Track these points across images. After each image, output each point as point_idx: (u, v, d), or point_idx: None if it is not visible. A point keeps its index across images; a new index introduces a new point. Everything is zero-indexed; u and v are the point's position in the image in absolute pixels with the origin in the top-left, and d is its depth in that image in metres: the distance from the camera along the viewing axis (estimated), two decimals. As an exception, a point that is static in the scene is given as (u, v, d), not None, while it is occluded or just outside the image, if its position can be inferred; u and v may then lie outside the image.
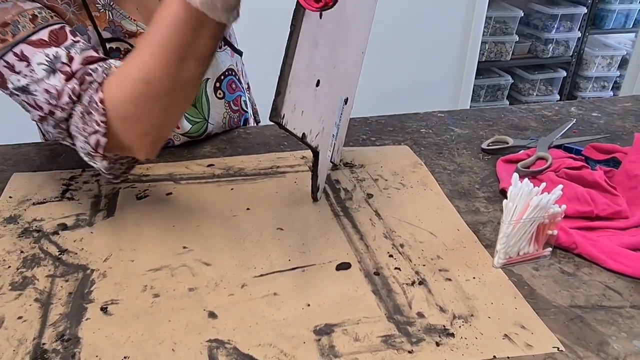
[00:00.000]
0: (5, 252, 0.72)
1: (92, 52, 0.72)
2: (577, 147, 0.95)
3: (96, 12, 0.79)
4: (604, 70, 3.37)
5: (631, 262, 0.69)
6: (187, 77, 0.65)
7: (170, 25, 0.60)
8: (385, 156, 0.95)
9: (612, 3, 3.18)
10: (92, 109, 0.67)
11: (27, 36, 0.69)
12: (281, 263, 0.70)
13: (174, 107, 0.69)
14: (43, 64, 0.69)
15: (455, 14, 2.63)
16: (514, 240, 0.69)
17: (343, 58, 0.72)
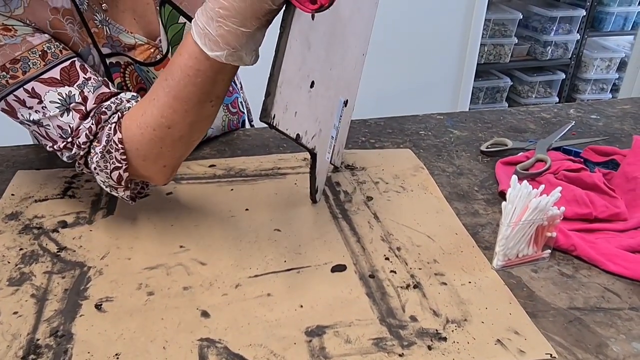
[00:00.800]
0: (5, 248, 0.73)
1: (104, 88, 0.73)
2: (575, 150, 0.95)
3: (95, 29, 0.79)
4: (603, 73, 3.38)
5: (630, 264, 0.69)
6: (205, 116, 0.67)
7: (190, 77, 0.61)
8: (387, 159, 0.95)
9: (610, 5, 3.18)
10: (112, 149, 0.69)
11: (39, 74, 0.70)
12: (276, 264, 0.70)
13: (192, 142, 0.71)
14: (56, 102, 0.70)
15: (454, 16, 2.63)
16: (513, 242, 0.68)
17: (340, 59, 0.72)
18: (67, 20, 0.75)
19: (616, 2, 3.16)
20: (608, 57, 3.33)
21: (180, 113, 0.64)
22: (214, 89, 0.63)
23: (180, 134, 0.67)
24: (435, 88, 2.79)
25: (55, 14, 0.74)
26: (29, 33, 0.71)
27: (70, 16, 0.75)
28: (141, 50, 0.84)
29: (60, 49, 0.73)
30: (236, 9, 0.54)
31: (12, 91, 0.70)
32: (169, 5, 0.83)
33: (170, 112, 0.65)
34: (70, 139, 0.71)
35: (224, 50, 0.57)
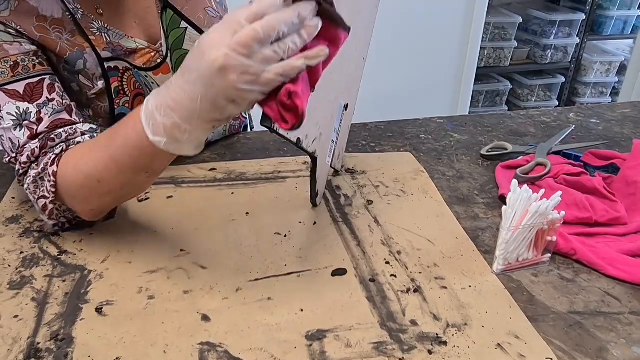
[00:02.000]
0: (6, 252, 0.73)
1: (64, 114, 0.75)
2: (575, 154, 0.95)
3: (92, 36, 0.79)
4: (603, 76, 3.38)
5: (630, 269, 0.69)
6: (138, 183, 0.68)
7: (128, 147, 0.61)
8: (387, 163, 0.95)
9: (610, 9, 3.19)
10: (45, 178, 0.71)
11: (4, 84, 0.71)
12: (277, 268, 0.70)
13: (121, 199, 0.74)
14: (12, 114, 0.72)
15: (454, 20, 2.64)
16: (513, 246, 0.69)
17: (341, 64, 0.72)
18: (53, 29, 0.76)
19: (616, 6, 3.16)
20: (608, 60, 3.34)
21: (113, 173, 0.65)
22: (151, 165, 0.64)
23: (108, 190, 0.68)
24: (435, 91, 2.79)
25: (41, 22, 0.75)
26: (8, 41, 0.72)
27: (58, 25, 0.76)
28: (142, 54, 0.84)
29: (35, 63, 0.74)
30: (185, 107, 0.54)
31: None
32: (170, 10, 0.83)
33: (103, 169, 0.65)
34: (15, 154, 0.72)
35: (165, 138, 0.57)
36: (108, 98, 0.83)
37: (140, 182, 0.68)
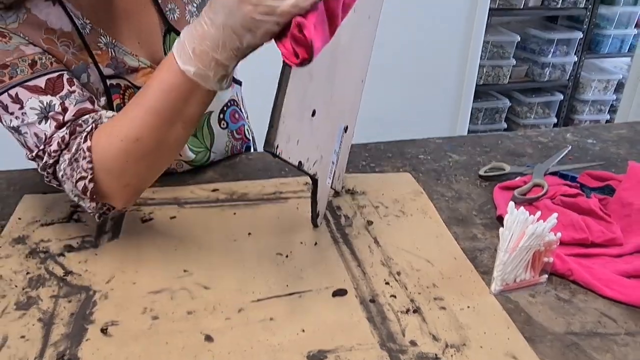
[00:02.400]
0: (12, 272, 0.74)
1: (87, 103, 0.76)
2: (572, 174, 0.96)
3: (98, 51, 0.81)
4: (601, 94, 3.41)
5: (626, 290, 0.71)
6: (173, 138, 0.69)
7: (164, 91, 0.64)
8: (387, 183, 0.96)
9: (607, 28, 3.23)
10: (79, 157, 0.70)
11: (24, 81, 0.73)
12: (279, 288, 0.71)
13: (158, 165, 0.74)
14: (35, 109, 0.73)
15: (453, 38, 2.67)
16: (511, 267, 0.70)
17: (340, 87, 0.74)
18: (61, 42, 0.78)
19: (612, 25, 3.21)
20: (605, 78, 3.37)
21: (149, 127, 0.67)
22: (185, 109, 0.66)
23: (146, 150, 0.69)
24: (435, 109, 2.82)
25: (49, 34, 0.76)
26: (24, 43, 0.74)
27: (66, 39, 0.78)
28: (144, 73, 0.86)
29: (51, 61, 0.76)
30: (212, 35, 0.58)
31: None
32: (174, 33, 0.85)
33: (139, 125, 0.67)
34: (43, 146, 0.73)
35: (194, 66, 0.61)
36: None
37: (175, 136, 0.69)
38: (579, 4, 3.11)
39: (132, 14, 0.83)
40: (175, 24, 0.86)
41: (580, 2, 3.11)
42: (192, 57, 0.61)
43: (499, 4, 2.95)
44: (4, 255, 0.77)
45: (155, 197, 0.91)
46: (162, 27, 0.85)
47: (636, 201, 0.83)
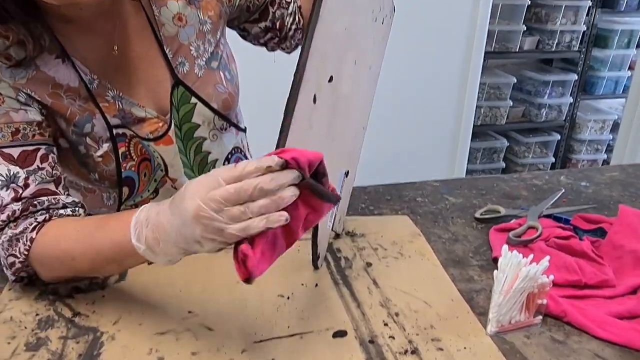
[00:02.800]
0: (22, 314, 0.76)
1: (51, 185, 0.80)
2: (565, 217, 0.99)
3: (105, 103, 0.85)
4: (597, 134, 3.47)
5: (619, 331, 0.73)
6: (105, 271, 0.79)
7: (112, 244, 0.70)
8: (386, 226, 0.99)
9: (601, 70, 3.30)
10: (21, 240, 0.76)
11: (1, 146, 0.77)
12: (280, 329, 0.73)
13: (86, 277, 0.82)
14: (2, 175, 0.77)
15: (450, 81, 2.73)
16: (506, 309, 0.72)
17: (341, 134, 0.78)
18: (67, 96, 0.82)
19: (606, 67, 3.28)
20: (601, 119, 3.43)
21: (88, 256, 0.73)
22: (124, 261, 0.72)
23: (78, 268, 0.76)
24: (433, 150, 2.86)
25: (56, 89, 0.81)
26: (15, 108, 0.78)
27: (73, 93, 0.83)
28: (150, 123, 0.90)
29: (35, 133, 0.79)
30: (165, 231, 0.62)
31: None
32: (182, 87, 0.89)
33: (81, 250, 0.74)
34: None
35: (144, 246, 0.65)
36: (115, 162, 0.88)
37: (108, 270, 0.78)
38: (573, 47, 3.19)
39: (141, 67, 0.87)
40: (183, 77, 0.90)
41: (574, 46, 3.19)
42: (145, 240, 0.64)
43: (494, 47, 3.03)
44: (14, 297, 0.79)
45: (161, 239, 0.94)
46: (170, 80, 0.89)
47: (627, 244, 0.86)
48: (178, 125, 0.91)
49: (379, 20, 0.82)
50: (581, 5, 3.08)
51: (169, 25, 0.88)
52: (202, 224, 0.58)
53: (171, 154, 0.93)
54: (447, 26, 2.61)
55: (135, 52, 0.87)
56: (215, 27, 0.93)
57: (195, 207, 0.57)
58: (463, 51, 2.68)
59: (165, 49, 0.88)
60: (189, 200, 0.58)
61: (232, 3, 0.94)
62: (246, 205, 0.56)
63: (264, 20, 1.00)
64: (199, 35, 0.91)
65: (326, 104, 0.68)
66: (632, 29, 3.20)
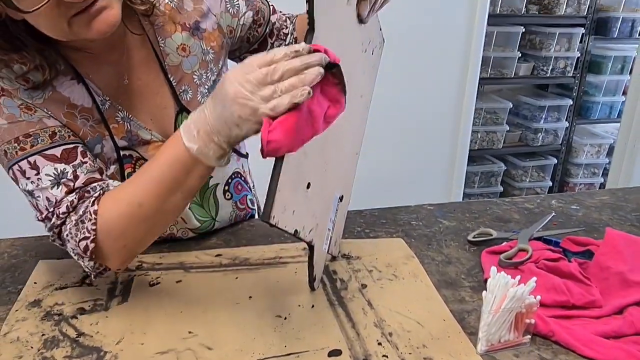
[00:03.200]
0: (29, 334, 0.79)
1: (97, 174, 0.85)
2: (555, 239, 1.02)
3: (115, 124, 0.90)
4: (593, 158, 3.51)
5: (604, 350, 0.75)
6: (172, 205, 0.79)
7: (168, 164, 0.74)
8: (380, 248, 1.02)
9: (596, 95, 3.36)
10: (85, 219, 0.79)
11: (43, 150, 0.82)
12: (277, 349, 0.76)
13: (155, 229, 0.83)
14: (50, 175, 0.81)
15: (445, 106, 2.78)
16: (495, 328, 0.75)
17: (334, 161, 0.81)
18: (81, 116, 0.87)
19: (601, 93, 3.34)
20: (597, 143, 3.48)
21: (152, 194, 0.76)
22: (186, 181, 0.75)
23: (147, 215, 0.78)
24: (429, 175, 2.90)
25: (71, 109, 0.86)
26: (46, 116, 0.83)
27: (87, 113, 0.87)
28: (155, 146, 0.94)
29: (70, 134, 0.85)
30: (210, 122, 0.69)
31: (18, 161, 0.81)
32: (186, 113, 0.93)
33: (143, 191, 0.77)
34: (52, 208, 0.81)
35: (197, 145, 0.70)
36: (121, 181, 0.92)
37: (174, 203, 0.78)
38: (568, 73, 3.25)
39: (148, 94, 0.92)
40: (187, 104, 0.94)
41: (569, 71, 3.25)
42: (196, 137, 0.70)
43: (490, 73, 3.09)
44: (20, 318, 0.82)
45: (162, 262, 0.97)
46: (175, 107, 0.94)
47: (613, 265, 0.88)
48: None
49: (368, 52, 0.87)
50: (574, 33, 3.15)
51: (174, 55, 0.92)
52: (239, 104, 0.64)
53: None
54: (443, 53, 2.67)
55: (142, 80, 0.91)
56: (217, 57, 0.97)
57: (234, 90, 0.64)
58: (458, 77, 2.74)
59: (170, 78, 0.92)
60: (228, 85, 0.65)
61: (233, 35, 0.99)
62: (276, 85, 0.63)
63: (263, 50, 1.05)
64: (202, 65, 0.95)
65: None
66: (625, 55, 3.27)
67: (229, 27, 0.97)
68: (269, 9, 1.04)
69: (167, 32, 0.91)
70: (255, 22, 1.01)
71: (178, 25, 0.92)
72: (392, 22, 2.45)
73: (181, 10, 0.92)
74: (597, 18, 3.18)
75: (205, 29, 0.94)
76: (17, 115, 0.81)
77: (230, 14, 0.96)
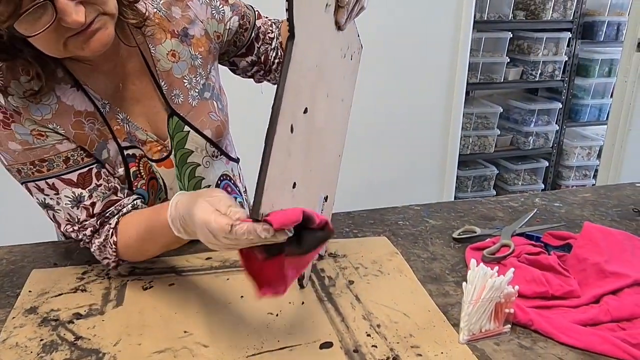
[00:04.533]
0: (27, 339, 0.81)
1: (112, 196, 0.94)
2: (537, 235, 1.06)
3: (117, 126, 0.94)
4: (584, 160, 3.56)
5: (581, 337, 0.79)
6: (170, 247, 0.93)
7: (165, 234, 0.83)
8: (366, 247, 1.06)
9: (584, 98, 3.41)
10: (107, 245, 0.93)
11: (60, 174, 0.90)
12: (271, 344, 0.79)
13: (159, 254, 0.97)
14: (69, 197, 0.91)
15: (434, 111, 2.82)
16: (475, 318, 0.78)
17: (318, 162, 0.85)
18: (88, 120, 0.92)
19: (589, 95, 3.40)
20: (587, 145, 3.53)
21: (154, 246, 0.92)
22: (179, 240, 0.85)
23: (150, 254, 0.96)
24: (421, 179, 2.93)
25: (78, 117, 0.91)
26: (58, 141, 0.89)
27: (92, 117, 0.92)
28: (151, 146, 0.98)
29: (82, 156, 0.91)
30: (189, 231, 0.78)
31: (35, 180, 0.89)
32: (176, 117, 0.98)
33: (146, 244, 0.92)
34: (77, 227, 0.92)
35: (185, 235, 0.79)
36: (127, 181, 0.97)
37: (172, 246, 0.92)
38: (556, 77, 3.31)
39: (141, 99, 0.97)
40: (178, 107, 0.98)
41: (557, 75, 3.31)
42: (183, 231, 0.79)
43: (480, 78, 3.14)
44: (18, 325, 0.84)
45: (154, 267, 1.00)
46: (166, 110, 0.98)
47: (590, 257, 0.92)
48: (174, 152, 0.99)
49: (347, 57, 0.90)
50: (561, 37, 3.21)
51: (164, 61, 0.97)
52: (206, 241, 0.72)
53: (171, 177, 1.02)
54: (431, 59, 2.72)
55: (136, 85, 0.96)
56: (205, 62, 1.02)
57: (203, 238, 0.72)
58: (447, 82, 2.78)
59: (161, 83, 0.97)
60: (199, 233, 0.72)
61: (220, 40, 1.03)
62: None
63: (250, 54, 1.10)
64: (191, 70, 1.00)
65: (303, 132, 0.75)
66: (611, 58, 3.33)
67: (215, 33, 1.02)
68: (254, 14, 1.09)
69: (157, 40, 0.96)
70: (242, 27, 1.06)
71: (167, 33, 0.97)
72: (380, 30, 2.52)
73: (170, 18, 0.97)
74: (584, 22, 3.24)
75: (194, 35, 0.99)
76: (30, 142, 0.87)
77: (216, 20, 1.01)
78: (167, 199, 1.03)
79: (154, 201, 1.02)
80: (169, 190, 1.03)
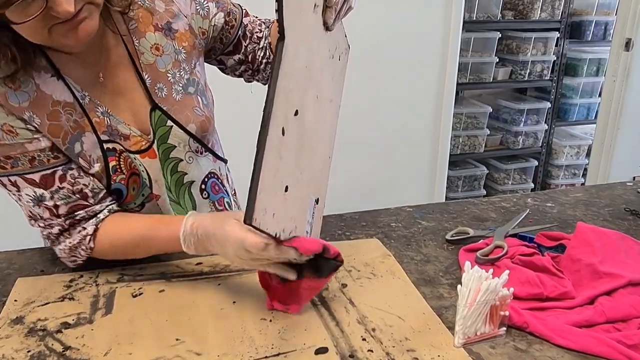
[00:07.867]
0: (14, 351, 0.79)
1: (80, 200, 0.93)
2: (530, 235, 1.05)
3: (96, 118, 0.93)
4: (573, 159, 3.57)
5: (576, 338, 0.78)
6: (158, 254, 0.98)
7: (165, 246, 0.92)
8: (358, 249, 1.05)
9: (573, 98, 3.43)
10: (80, 248, 0.94)
11: (23, 173, 0.89)
12: (265, 350, 0.78)
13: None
14: (30, 195, 0.91)
15: (424, 111, 2.82)
16: (471, 321, 0.77)
17: (309, 165, 0.84)
18: (65, 111, 0.90)
19: (578, 95, 3.41)
20: (576, 144, 3.55)
21: (143, 252, 0.96)
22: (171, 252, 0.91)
23: (137, 257, 0.97)
24: (412, 179, 2.94)
25: (55, 106, 0.89)
26: (28, 139, 0.87)
27: (70, 108, 0.91)
28: (135, 140, 0.97)
29: (49, 158, 0.90)
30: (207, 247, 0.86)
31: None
32: (159, 110, 0.96)
33: (136, 250, 0.95)
34: (44, 223, 0.93)
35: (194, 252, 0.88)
36: (105, 175, 0.95)
37: (158, 253, 0.96)
38: (545, 76, 3.33)
39: (124, 91, 0.96)
40: (161, 101, 0.97)
41: (546, 75, 3.32)
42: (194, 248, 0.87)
43: (469, 78, 3.15)
44: (4, 336, 0.82)
45: (144, 273, 0.98)
46: (149, 104, 0.97)
47: (584, 258, 0.92)
48: (157, 146, 0.98)
49: (335, 58, 0.90)
50: (550, 37, 3.22)
51: (148, 54, 0.96)
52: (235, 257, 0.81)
53: (156, 168, 1.00)
54: (421, 59, 2.72)
55: (119, 77, 0.95)
56: (189, 57, 1.01)
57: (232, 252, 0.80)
58: (436, 83, 2.79)
59: (144, 76, 0.96)
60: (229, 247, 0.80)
61: (206, 36, 1.03)
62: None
63: (237, 52, 1.09)
64: (175, 64, 0.99)
65: (294, 135, 0.74)
66: (599, 58, 3.35)
67: (200, 29, 1.01)
68: (242, 12, 1.09)
69: (141, 33, 0.95)
70: (227, 24, 1.05)
71: (151, 26, 0.96)
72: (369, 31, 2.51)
73: (153, 11, 0.96)
74: (571, 22, 3.26)
75: (177, 30, 0.98)
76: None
77: (201, 15, 1.01)
78: (152, 193, 1.01)
79: (135, 197, 1.00)
80: (154, 183, 1.01)
